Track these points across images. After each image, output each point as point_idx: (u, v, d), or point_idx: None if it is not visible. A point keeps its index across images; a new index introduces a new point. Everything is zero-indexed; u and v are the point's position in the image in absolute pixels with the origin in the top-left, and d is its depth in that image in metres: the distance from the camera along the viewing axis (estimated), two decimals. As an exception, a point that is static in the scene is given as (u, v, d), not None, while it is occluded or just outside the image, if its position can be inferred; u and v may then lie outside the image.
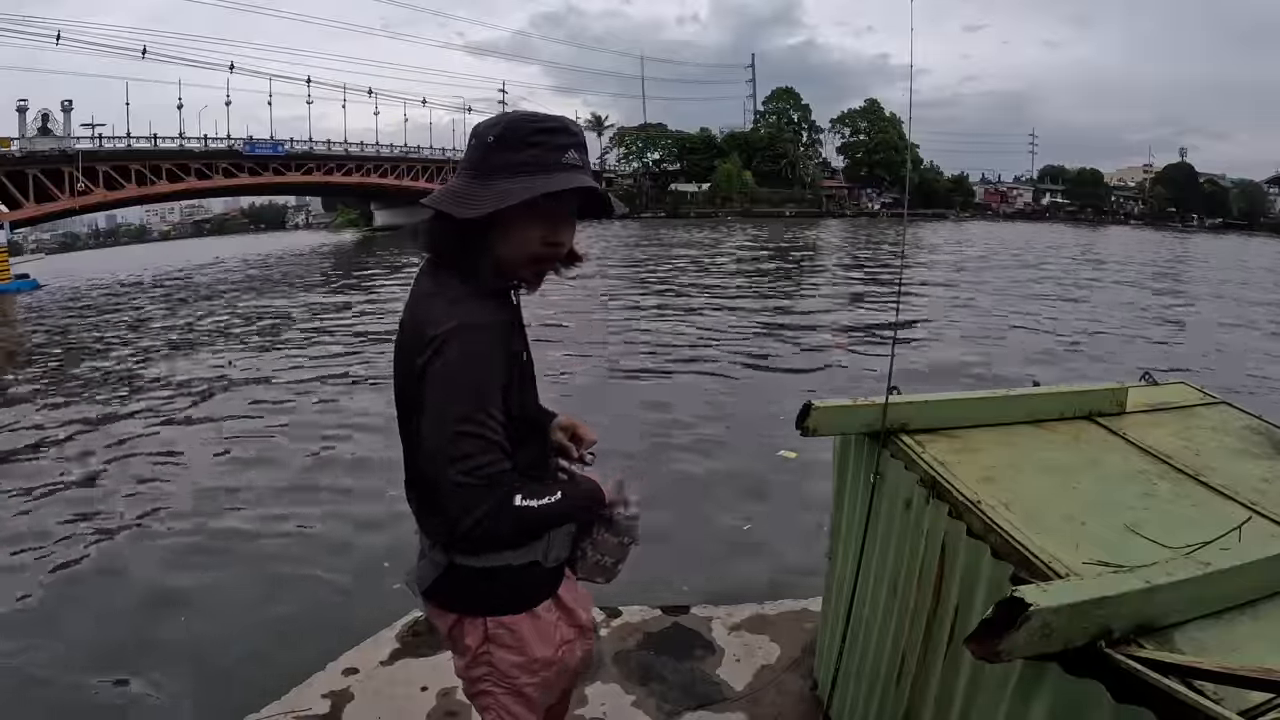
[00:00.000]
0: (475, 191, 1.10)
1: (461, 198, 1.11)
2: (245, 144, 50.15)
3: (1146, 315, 13.66)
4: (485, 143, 1.12)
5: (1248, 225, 62.55)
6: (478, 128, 1.16)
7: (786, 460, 5.19)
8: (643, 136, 73.22)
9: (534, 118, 1.13)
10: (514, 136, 1.11)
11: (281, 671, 2.69)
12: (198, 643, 3.38)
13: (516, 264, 1.17)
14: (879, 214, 64.12)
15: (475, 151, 1.13)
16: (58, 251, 69.14)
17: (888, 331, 10.66)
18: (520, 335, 1.24)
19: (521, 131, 1.11)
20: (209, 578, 4.00)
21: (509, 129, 1.11)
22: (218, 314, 15.94)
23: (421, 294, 1.19)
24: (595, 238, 36.73)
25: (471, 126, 1.22)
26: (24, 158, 37.54)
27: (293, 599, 3.73)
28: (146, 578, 4.05)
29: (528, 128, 1.11)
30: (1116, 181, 79.07)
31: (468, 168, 1.14)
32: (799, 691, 2.41)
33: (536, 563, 1.25)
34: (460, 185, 1.13)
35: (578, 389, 7.81)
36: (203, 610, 3.68)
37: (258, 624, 3.52)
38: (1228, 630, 1.10)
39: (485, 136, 1.12)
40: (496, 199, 1.08)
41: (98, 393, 8.78)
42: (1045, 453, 1.75)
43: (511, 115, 1.15)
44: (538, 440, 1.33)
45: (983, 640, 1.03)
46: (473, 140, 1.14)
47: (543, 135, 1.11)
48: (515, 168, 1.09)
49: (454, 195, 1.12)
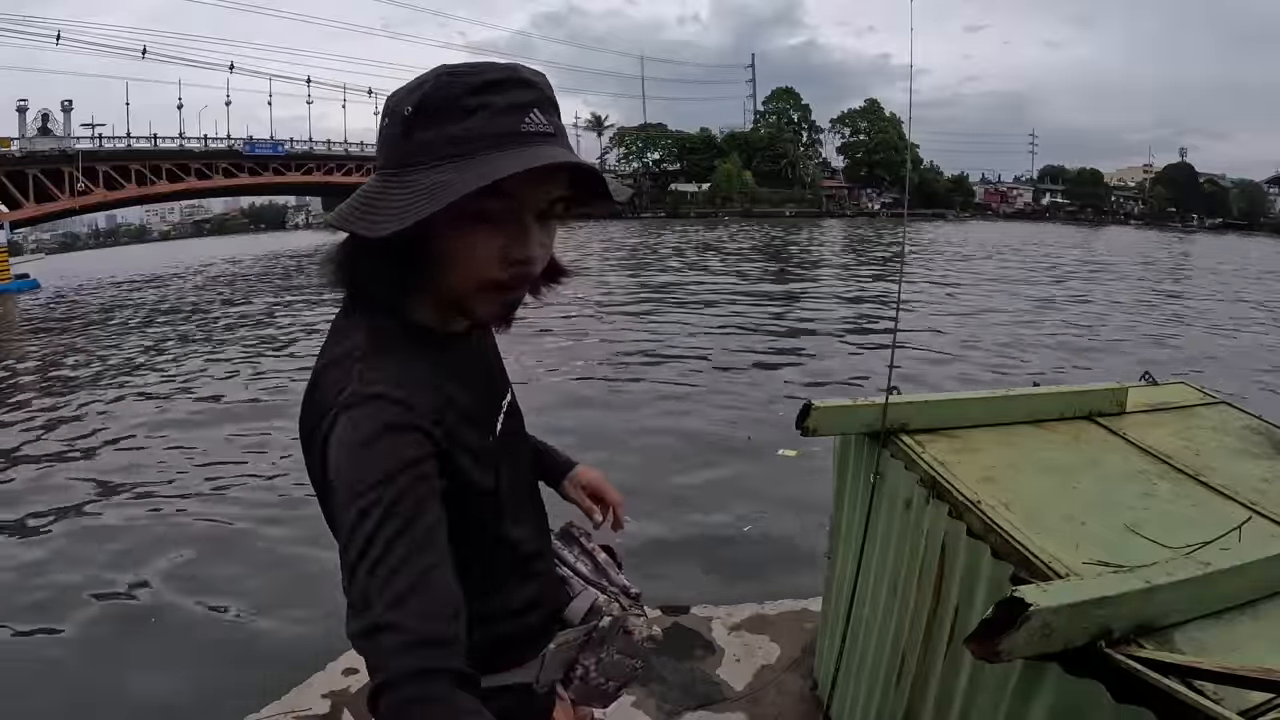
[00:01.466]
0: (390, 194, 0.73)
1: (370, 208, 0.74)
2: (245, 144, 50.21)
3: (1146, 315, 13.66)
4: (400, 117, 0.74)
5: (1248, 225, 62.57)
6: (389, 101, 0.78)
7: (786, 459, 5.20)
8: (643, 136, 73.23)
9: (471, 69, 0.75)
10: (441, 102, 0.73)
11: (282, 671, 2.69)
12: (198, 642, 3.38)
13: (468, 295, 0.79)
14: (879, 214, 64.16)
15: (389, 132, 0.76)
16: (58, 251, 69.20)
17: (888, 333, 10.67)
18: (484, 401, 0.89)
19: (452, 92, 0.73)
20: (209, 577, 4.00)
21: (433, 92, 0.73)
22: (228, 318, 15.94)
23: (325, 353, 0.82)
24: (593, 238, 36.73)
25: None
26: (24, 158, 37.58)
27: (294, 598, 3.73)
28: (148, 576, 4.05)
29: (460, 85, 0.73)
30: (1116, 182, 79.11)
31: (382, 160, 0.78)
32: (799, 691, 2.41)
33: (526, 685, 0.96)
34: (373, 187, 0.76)
35: (569, 391, 7.81)
36: (204, 609, 3.68)
37: (259, 623, 3.52)
38: (1228, 630, 1.10)
39: (401, 109, 0.74)
40: (420, 201, 0.71)
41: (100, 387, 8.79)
42: (1045, 453, 1.75)
43: (437, 71, 0.75)
44: (529, 517, 0.98)
45: (983, 640, 1.03)
46: (385, 119, 0.77)
47: (485, 93, 0.73)
48: (447, 148, 0.72)
49: (363, 205, 0.75)
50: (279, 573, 4.01)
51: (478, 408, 0.86)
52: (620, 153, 72.97)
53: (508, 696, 0.92)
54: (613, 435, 6.15)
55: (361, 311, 0.82)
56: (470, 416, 0.82)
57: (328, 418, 0.73)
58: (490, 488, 0.85)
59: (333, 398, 0.74)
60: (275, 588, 3.84)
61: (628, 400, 7.42)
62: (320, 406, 0.75)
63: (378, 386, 0.73)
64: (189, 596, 3.82)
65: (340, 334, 0.82)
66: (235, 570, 4.07)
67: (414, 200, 0.71)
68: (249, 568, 4.10)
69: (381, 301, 0.81)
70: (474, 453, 0.82)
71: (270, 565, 4.10)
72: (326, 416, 0.73)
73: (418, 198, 0.71)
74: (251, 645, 3.32)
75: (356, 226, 0.74)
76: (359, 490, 0.67)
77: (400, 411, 0.72)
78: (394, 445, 0.70)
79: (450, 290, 0.79)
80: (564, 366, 8.79)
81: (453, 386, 0.81)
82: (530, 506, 1.00)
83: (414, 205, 0.71)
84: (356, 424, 0.71)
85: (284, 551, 4.28)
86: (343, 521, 0.67)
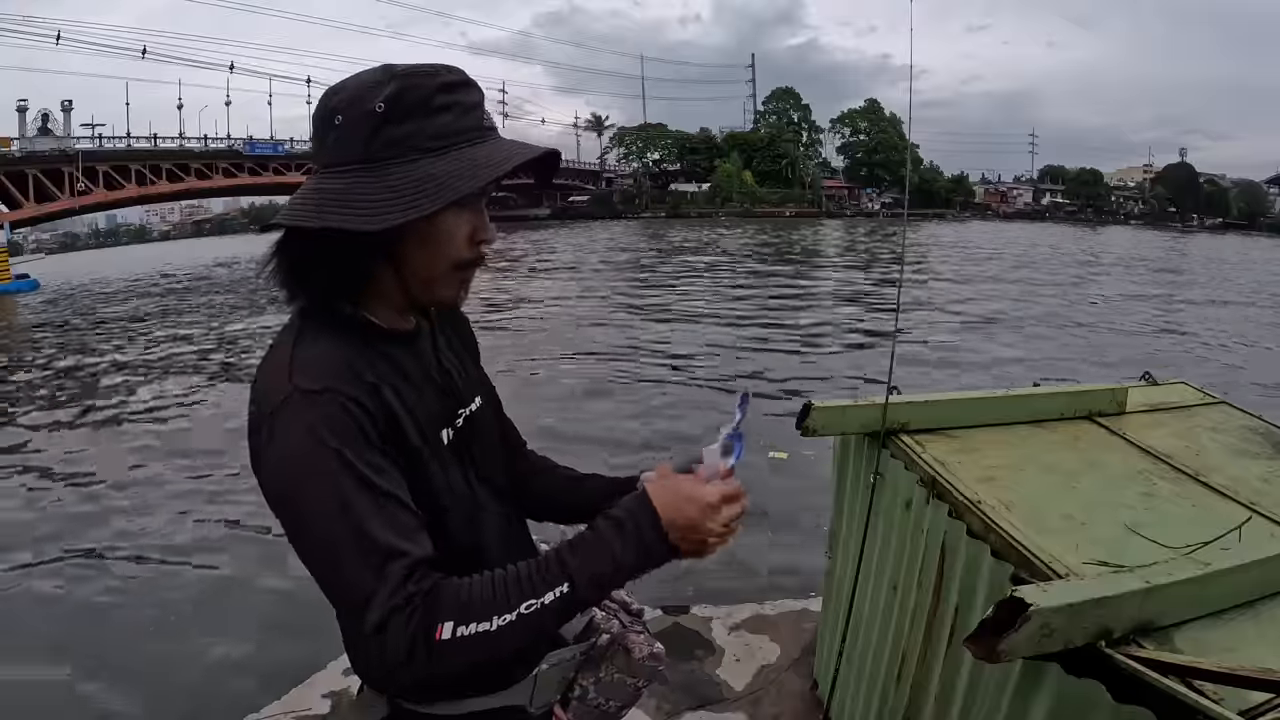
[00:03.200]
0: (368, 188, 0.74)
1: (345, 202, 0.74)
2: (245, 144, 50.19)
3: (1147, 315, 13.65)
4: (368, 112, 0.75)
5: (1248, 225, 62.56)
6: (338, 97, 0.78)
7: (777, 461, 5.21)
8: (643, 136, 73.22)
9: (426, 70, 0.79)
10: (415, 100, 0.76)
11: (282, 671, 2.69)
12: (198, 642, 3.38)
13: (433, 280, 0.82)
14: (878, 214, 64.14)
15: (353, 129, 0.76)
16: (58, 251, 69.24)
17: (888, 333, 10.66)
18: (432, 401, 0.87)
19: (424, 90, 0.76)
20: (211, 576, 4.00)
21: (406, 91, 0.76)
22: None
23: (270, 351, 0.81)
24: (592, 239, 36.71)
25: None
26: (24, 158, 37.57)
27: (294, 598, 3.73)
28: (148, 576, 4.05)
29: (430, 85, 0.77)
30: (1117, 182, 79.11)
31: (334, 155, 0.77)
32: (799, 691, 2.41)
33: (519, 708, 0.91)
34: (339, 183, 0.76)
35: (562, 394, 7.80)
36: (204, 609, 3.68)
37: (259, 623, 3.52)
38: (1228, 630, 1.10)
39: (366, 104, 0.75)
40: (425, 191, 0.74)
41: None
42: (1045, 453, 1.75)
43: (393, 71, 0.78)
44: (495, 531, 0.93)
45: (983, 640, 1.03)
46: (339, 115, 0.77)
47: (452, 93, 0.79)
48: (427, 142, 0.76)
49: (337, 200, 0.75)
50: (279, 570, 4.00)
51: (420, 405, 0.83)
52: (620, 153, 72.99)
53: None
54: (601, 438, 6.13)
55: (308, 312, 0.81)
56: (409, 409, 0.81)
57: (262, 427, 0.74)
58: (438, 485, 0.83)
59: (262, 405, 0.75)
60: (277, 587, 3.84)
61: (615, 401, 7.40)
62: (254, 416, 0.76)
63: (303, 380, 0.73)
64: (190, 594, 3.82)
65: (280, 336, 0.81)
66: (237, 570, 4.07)
67: (414, 192, 0.74)
68: (252, 566, 4.09)
69: (337, 298, 0.81)
70: (422, 438, 0.82)
71: (271, 565, 4.10)
72: (260, 431, 0.74)
73: (419, 189, 0.74)
74: (252, 644, 3.32)
75: (347, 222, 0.74)
76: (298, 506, 0.73)
77: (327, 400, 0.72)
78: (316, 450, 0.71)
79: (420, 274, 0.81)
80: (535, 367, 8.77)
81: (391, 375, 0.80)
82: (501, 522, 0.94)
83: (418, 197, 0.74)
84: (282, 432, 0.72)
85: (283, 547, 4.27)
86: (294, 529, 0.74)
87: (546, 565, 0.74)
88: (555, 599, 0.72)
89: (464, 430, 0.91)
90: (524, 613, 0.71)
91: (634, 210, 64.06)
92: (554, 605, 0.72)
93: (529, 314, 13.37)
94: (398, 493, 0.74)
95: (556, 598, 0.72)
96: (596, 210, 62.35)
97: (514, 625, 0.71)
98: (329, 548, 0.70)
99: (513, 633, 0.71)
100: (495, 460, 0.97)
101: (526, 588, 0.72)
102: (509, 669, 0.90)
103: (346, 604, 0.71)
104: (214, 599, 3.79)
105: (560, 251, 29.93)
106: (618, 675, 1.00)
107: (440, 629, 0.68)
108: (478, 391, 0.98)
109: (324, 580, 0.72)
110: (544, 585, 0.73)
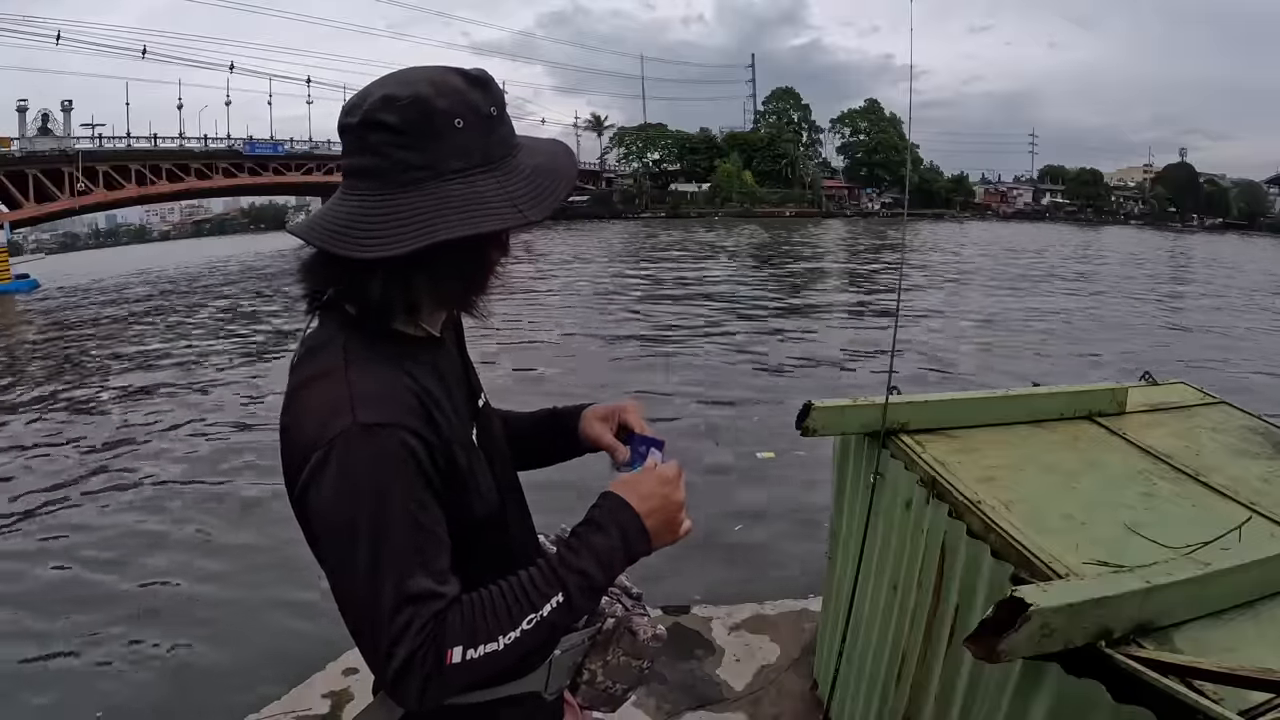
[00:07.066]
0: (497, 189, 0.73)
1: (490, 201, 0.73)
2: (245, 144, 50.15)
3: (1147, 315, 13.65)
4: (485, 116, 0.74)
5: (1248, 225, 62.53)
6: (444, 100, 0.72)
7: (765, 460, 5.22)
8: (643, 136, 73.19)
9: (457, 72, 0.75)
10: (451, 108, 0.72)
11: (282, 670, 2.69)
12: (198, 642, 3.38)
13: (464, 294, 0.82)
14: (878, 214, 64.11)
15: (472, 131, 0.73)
16: (58, 251, 69.18)
17: (888, 333, 10.65)
18: (459, 394, 0.88)
19: (471, 99, 0.73)
20: (211, 575, 4.00)
21: (440, 96, 0.71)
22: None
23: (301, 368, 0.80)
24: (588, 237, 36.70)
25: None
26: (24, 158, 37.52)
27: (295, 598, 3.73)
28: (147, 575, 4.05)
29: (456, 83, 0.73)
30: (1117, 181, 79.03)
31: (367, 174, 0.73)
32: (799, 691, 2.41)
33: (535, 694, 0.93)
34: (460, 189, 0.72)
35: (555, 395, 7.81)
36: (205, 609, 3.68)
37: (260, 623, 3.52)
38: (1228, 630, 1.10)
39: (480, 108, 0.73)
40: (542, 186, 0.75)
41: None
42: (1045, 453, 1.75)
43: (419, 74, 0.74)
44: (517, 518, 0.96)
45: (983, 640, 1.03)
46: (459, 119, 0.72)
47: (484, 96, 0.75)
48: (470, 159, 0.72)
49: (475, 203, 0.72)
50: (279, 571, 4.01)
51: (458, 411, 0.85)
52: (620, 153, 72.94)
53: (518, 707, 0.91)
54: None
55: (343, 323, 0.79)
56: (451, 423, 0.81)
57: (316, 454, 0.71)
58: (488, 485, 0.86)
59: (317, 431, 0.72)
60: (278, 587, 3.84)
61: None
62: (305, 439, 0.73)
63: (365, 414, 0.71)
64: (191, 593, 3.82)
65: (320, 350, 0.79)
66: (239, 569, 4.07)
67: (532, 188, 0.75)
68: (254, 566, 4.09)
69: (386, 312, 0.78)
70: (464, 446, 0.82)
71: (270, 563, 4.10)
72: (315, 453, 0.71)
73: (534, 184, 0.76)
74: (253, 644, 3.32)
75: (493, 223, 0.73)
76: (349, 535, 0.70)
77: (388, 435, 0.71)
78: (373, 490, 0.70)
79: (462, 288, 0.81)
80: (531, 369, 8.77)
81: (437, 389, 0.80)
82: (518, 507, 0.98)
83: (539, 193, 0.75)
84: (339, 464, 0.70)
85: (283, 549, 4.28)
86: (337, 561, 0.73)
87: (542, 577, 0.77)
88: (553, 610, 0.76)
89: (483, 421, 0.93)
90: (526, 628, 0.74)
91: (634, 210, 63.98)
92: (552, 617, 0.76)
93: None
94: (437, 529, 0.74)
95: (554, 608, 0.76)
96: (596, 210, 62.30)
97: (519, 641, 0.74)
98: (369, 586, 0.70)
99: (518, 647, 0.74)
100: (501, 440, 1.00)
101: (525, 603, 0.75)
102: None
103: (370, 648, 0.71)
104: (214, 599, 3.78)
105: (571, 249, 29.69)
106: (624, 658, 1.03)
107: (450, 654, 0.70)
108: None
109: (353, 616, 0.72)
110: (541, 598, 0.75)
